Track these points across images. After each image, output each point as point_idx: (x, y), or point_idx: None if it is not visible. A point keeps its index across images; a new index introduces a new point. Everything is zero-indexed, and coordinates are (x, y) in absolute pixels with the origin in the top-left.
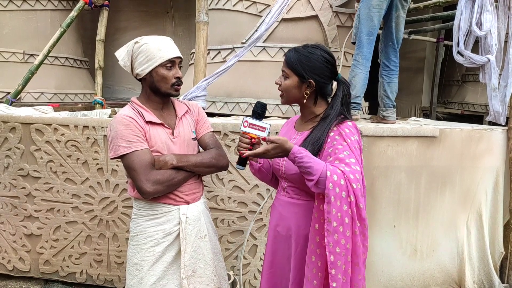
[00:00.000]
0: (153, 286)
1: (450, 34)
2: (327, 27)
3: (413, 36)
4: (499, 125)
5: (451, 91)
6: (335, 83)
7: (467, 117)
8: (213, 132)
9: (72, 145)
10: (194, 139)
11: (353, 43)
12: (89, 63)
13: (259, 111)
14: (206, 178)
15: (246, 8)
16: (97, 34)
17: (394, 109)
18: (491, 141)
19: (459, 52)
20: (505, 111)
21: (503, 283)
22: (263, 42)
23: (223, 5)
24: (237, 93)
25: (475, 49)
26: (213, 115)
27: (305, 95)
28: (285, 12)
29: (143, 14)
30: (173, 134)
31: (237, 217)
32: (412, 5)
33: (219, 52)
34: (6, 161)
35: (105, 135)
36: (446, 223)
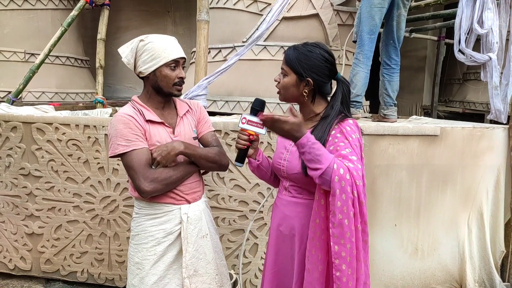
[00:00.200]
0: (154, 286)
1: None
2: (328, 25)
3: (414, 35)
4: (501, 123)
5: (452, 89)
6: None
7: (468, 116)
8: (214, 131)
9: (73, 144)
10: (195, 138)
11: (354, 41)
12: (90, 62)
13: (257, 108)
14: (207, 177)
15: (247, 7)
16: (98, 33)
17: (395, 107)
18: (493, 139)
19: (460, 51)
20: (506, 109)
21: (504, 281)
22: (264, 41)
23: (224, 3)
24: (238, 92)
25: (477, 47)
26: (214, 114)
27: (304, 94)
28: (286, 11)
29: (143, 13)
30: (173, 133)
31: (238, 216)
32: (413, 3)
33: (220, 51)
34: (7, 160)
35: (106, 134)
36: (447, 221)
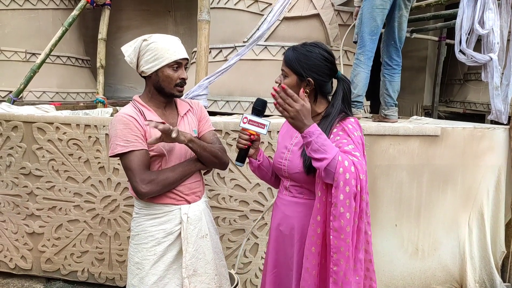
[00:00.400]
0: (154, 286)
1: (452, 32)
2: (329, 25)
3: (415, 35)
4: (501, 124)
5: (453, 90)
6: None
7: (469, 116)
8: (214, 130)
9: (74, 143)
10: (195, 137)
11: (354, 42)
12: (91, 62)
13: (259, 108)
14: (207, 177)
15: (248, 7)
16: (98, 33)
17: (396, 108)
18: (493, 139)
19: (461, 51)
20: (507, 109)
21: (504, 282)
22: (265, 41)
23: (224, 3)
24: (238, 92)
25: (477, 47)
26: (215, 113)
27: (305, 94)
28: (287, 11)
29: (144, 13)
30: None
31: (239, 216)
32: (414, 3)
33: (221, 51)
34: (8, 160)
35: (106, 134)
36: (448, 222)
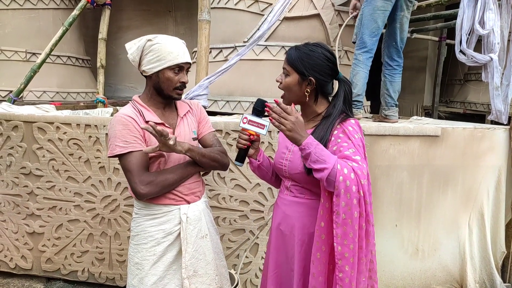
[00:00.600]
0: (154, 286)
1: (452, 33)
2: (329, 25)
3: (415, 35)
4: (501, 124)
5: (453, 90)
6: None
7: (469, 116)
8: (215, 131)
9: (74, 143)
10: (195, 139)
11: (353, 42)
12: (91, 61)
13: (259, 108)
14: (207, 177)
15: (248, 7)
16: (99, 32)
17: (396, 108)
18: (493, 140)
19: (461, 51)
20: (507, 110)
21: (504, 282)
22: (265, 41)
23: (225, 3)
24: (238, 92)
25: (478, 48)
26: (215, 114)
27: (306, 93)
28: (287, 11)
29: (145, 13)
30: (174, 134)
31: (239, 216)
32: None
33: (221, 51)
34: (8, 160)
35: (107, 134)
36: (448, 222)
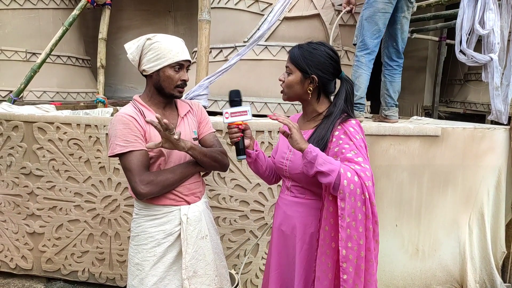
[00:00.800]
0: (154, 287)
1: (452, 33)
2: (329, 25)
3: (415, 35)
4: (502, 124)
5: (453, 90)
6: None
7: (469, 116)
8: (215, 132)
9: (74, 143)
10: (195, 139)
11: (354, 44)
12: (91, 61)
13: (235, 99)
14: (208, 177)
15: (248, 7)
16: (99, 32)
17: (397, 108)
18: (493, 140)
19: (461, 51)
20: (507, 110)
21: (505, 282)
22: (265, 41)
23: (225, 3)
24: None
25: (478, 48)
26: (215, 113)
27: (308, 92)
28: (287, 11)
29: (145, 13)
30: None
31: (239, 216)
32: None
33: (221, 51)
34: (8, 160)
35: (107, 134)
36: (448, 222)
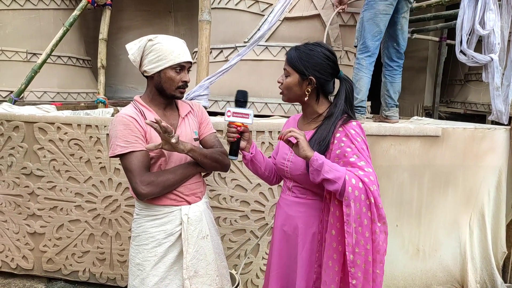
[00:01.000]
0: (155, 287)
1: (452, 33)
2: (330, 26)
3: (415, 35)
4: (502, 124)
5: (454, 90)
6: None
7: (469, 117)
8: (216, 132)
9: (75, 144)
10: (196, 139)
11: (355, 46)
12: (92, 62)
13: (241, 100)
14: (208, 177)
15: (249, 7)
16: (99, 33)
17: (397, 108)
18: (494, 140)
19: (462, 51)
20: (507, 110)
21: (505, 282)
22: (265, 41)
23: (225, 4)
24: None
25: (478, 48)
26: (216, 114)
27: (306, 93)
28: (288, 11)
29: (145, 14)
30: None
31: (240, 216)
32: (414, 4)
33: (222, 51)
34: (9, 160)
35: (107, 134)
36: (449, 222)
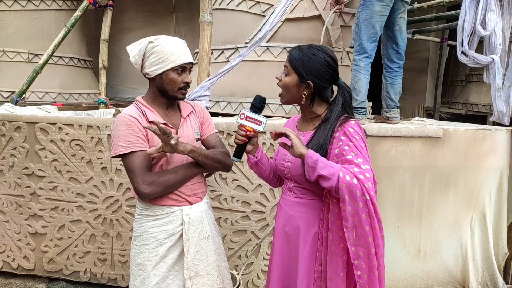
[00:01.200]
0: (156, 287)
1: (454, 34)
2: (331, 27)
3: (416, 36)
4: (503, 125)
5: (455, 91)
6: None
7: (471, 118)
8: (217, 133)
9: (76, 144)
10: (198, 139)
11: (351, 47)
12: (93, 63)
13: (257, 105)
14: (209, 178)
15: (250, 8)
16: (101, 34)
17: (398, 109)
18: (495, 141)
19: (463, 52)
20: (509, 111)
21: (507, 284)
22: (267, 42)
23: (226, 5)
24: (240, 92)
25: (479, 49)
26: (217, 114)
27: (303, 96)
28: (289, 12)
29: (146, 14)
30: (177, 134)
31: (240, 217)
32: (416, 4)
33: (223, 52)
34: (11, 160)
35: (109, 135)
36: (450, 223)
